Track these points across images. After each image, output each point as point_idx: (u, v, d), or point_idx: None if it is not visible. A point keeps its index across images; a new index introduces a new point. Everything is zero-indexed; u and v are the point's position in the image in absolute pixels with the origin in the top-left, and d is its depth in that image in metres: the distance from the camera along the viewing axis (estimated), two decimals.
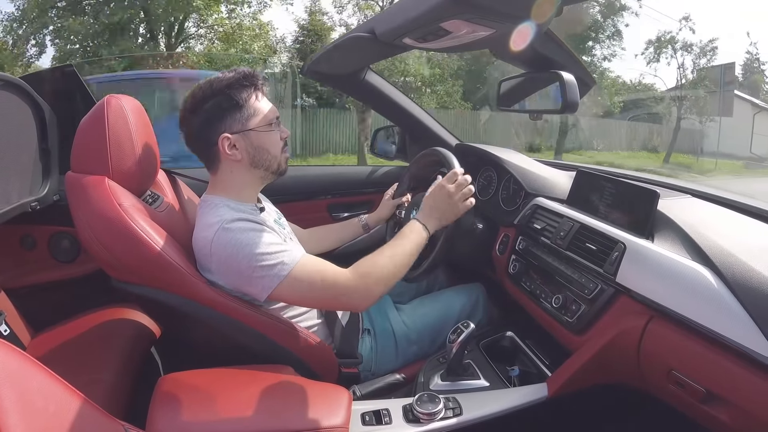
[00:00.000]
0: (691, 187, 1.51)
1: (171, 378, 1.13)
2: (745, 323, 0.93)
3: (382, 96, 2.10)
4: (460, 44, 1.24)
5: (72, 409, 0.70)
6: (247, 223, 1.22)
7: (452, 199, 1.41)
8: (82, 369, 1.36)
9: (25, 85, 1.50)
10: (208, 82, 1.28)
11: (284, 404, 1.07)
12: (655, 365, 1.09)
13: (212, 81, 1.28)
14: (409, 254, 1.33)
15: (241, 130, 1.27)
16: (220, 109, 1.26)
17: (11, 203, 1.44)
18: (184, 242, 1.29)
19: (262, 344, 1.27)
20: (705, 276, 1.02)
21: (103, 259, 1.22)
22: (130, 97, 1.34)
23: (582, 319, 1.26)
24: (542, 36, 1.23)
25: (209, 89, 1.26)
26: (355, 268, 1.27)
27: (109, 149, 1.24)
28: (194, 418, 1.01)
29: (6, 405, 0.59)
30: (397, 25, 1.16)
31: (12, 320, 1.51)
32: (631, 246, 1.19)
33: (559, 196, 1.59)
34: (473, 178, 1.99)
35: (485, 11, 0.99)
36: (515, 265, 1.59)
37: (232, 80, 1.27)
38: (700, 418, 1.05)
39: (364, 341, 1.53)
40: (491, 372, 1.41)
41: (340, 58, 1.73)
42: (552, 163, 1.99)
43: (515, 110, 1.62)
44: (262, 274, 1.19)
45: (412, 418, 1.13)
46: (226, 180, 1.33)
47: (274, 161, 1.35)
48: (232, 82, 1.27)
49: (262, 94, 1.32)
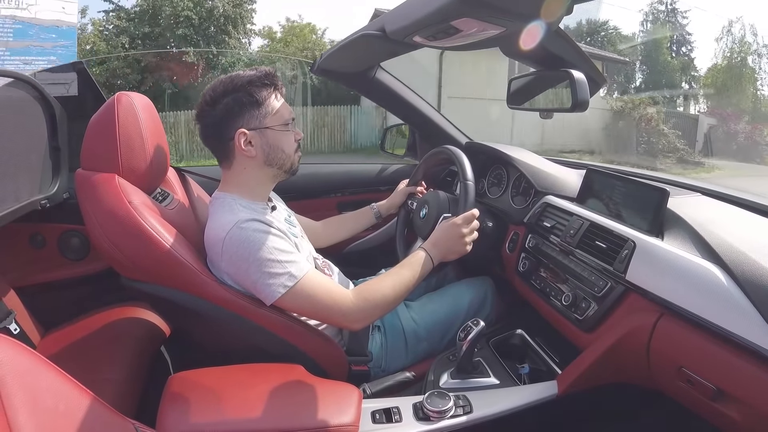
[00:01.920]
0: (701, 185, 1.50)
1: (181, 376, 1.13)
2: (754, 320, 0.92)
3: (393, 94, 2.10)
4: (470, 42, 1.24)
5: (82, 407, 0.70)
6: (260, 225, 1.22)
7: (461, 240, 1.43)
8: (92, 368, 1.37)
9: (36, 82, 1.51)
10: (229, 78, 1.29)
11: (294, 402, 1.07)
12: (665, 363, 1.09)
13: (233, 77, 1.29)
14: (412, 284, 1.37)
15: (258, 127, 1.29)
16: (239, 105, 1.27)
17: (21, 201, 1.44)
18: (194, 240, 1.30)
19: (271, 342, 1.27)
20: (715, 274, 1.02)
21: (112, 257, 1.22)
22: (140, 94, 1.35)
23: (592, 316, 1.26)
24: (552, 34, 1.22)
25: (230, 84, 1.28)
26: (357, 291, 1.30)
27: (119, 147, 1.25)
28: (204, 417, 1.01)
29: (16, 403, 0.59)
30: (407, 24, 1.16)
31: (22, 319, 1.52)
32: (641, 244, 1.19)
33: (569, 194, 1.59)
34: (483, 176, 2.00)
35: (496, 10, 0.98)
36: (525, 263, 1.59)
37: (254, 78, 1.28)
38: (710, 415, 1.05)
39: (374, 339, 1.53)
40: (501, 370, 1.40)
41: (350, 57, 1.72)
42: (561, 161, 1.99)
43: (525, 108, 1.62)
44: (269, 282, 1.20)
45: (422, 416, 1.13)
46: (239, 176, 1.33)
47: (288, 160, 1.36)
48: (253, 80, 1.28)
49: (280, 95, 1.34)
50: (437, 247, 1.42)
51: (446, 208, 1.61)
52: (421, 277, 1.38)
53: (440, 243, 1.43)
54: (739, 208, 1.31)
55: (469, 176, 1.51)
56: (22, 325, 1.48)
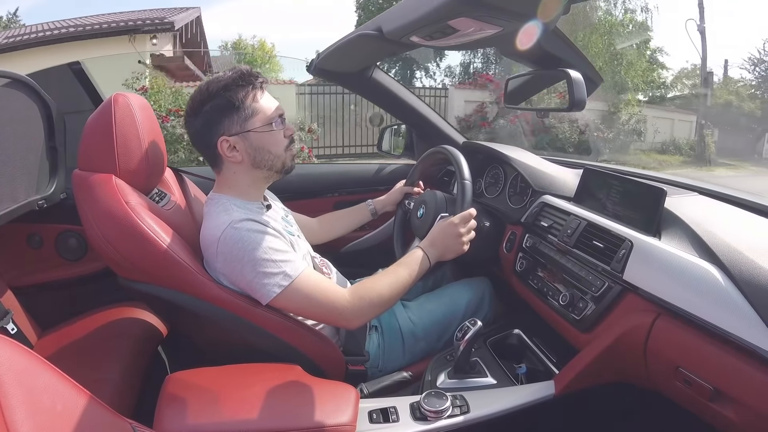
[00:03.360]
0: (698, 184, 1.51)
1: (178, 376, 1.13)
2: (752, 321, 0.92)
3: (390, 94, 2.10)
4: (467, 42, 1.24)
5: (79, 407, 0.70)
6: (255, 224, 1.22)
7: (458, 239, 1.43)
8: (89, 367, 1.37)
9: (33, 82, 1.51)
10: (206, 84, 1.27)
11: (292, 402, 1.07)
12: (663, 363, 1.09)
13: (210, 82, 1.27)
14: (408, 283, 1.36)
15: (239, 131, 1.27)
16: (218, 112, 1.26)
17: (18, 201, 1.44)
18: (191, 240, 1.30)
19: (268, 342, 1.27)
20: (712, 273, 1.01)
21: (110, 257, 1.22)
22: (137, 95, 1.35)
23: (589, 316, 1.26)
24: (549, 34, 1.23)
25: (206, 91, 1.26)
26: (354, 290, 1.30)
27: (116, 147, 1.25)
28: (201, 417, 1.01)
29: (13, 403, 0.59)
30: (404, 24, 1.16)
31: (19, 319, 1.51)
32: (638, 243, 1.19)
33: (566, 193, 1.59)
34: (480, 175, 2.00)
35: (493, 9, 0.98)
36: (522, 263, 1.59)
37: (229, 81, 1.26)
38: (707, 416, 1.05)
39: (371, 338, 1.53)
40: (498, 370, 1.40)
41: (347, 57, 1.72)
42: (559, 161, 1.99)
43: (522, 108, 1.62)
44: (264, 281, 1.20)
45: (419, 416, 1.13)
46: (229, 179, 1.33)
47: (278, 160, 1.34)
48: (228, 83, 1.26)
49: (261, 93, 1.30)
50: (434, 247, 1.43)
51: (443, 208, 1.61)
52: (418, 276, 1.38)
53: (437, 242, 1.43)
54: (736, 208, 1.31)
55: (467, 176, 1.51)
56: (19, 324, 1.48)
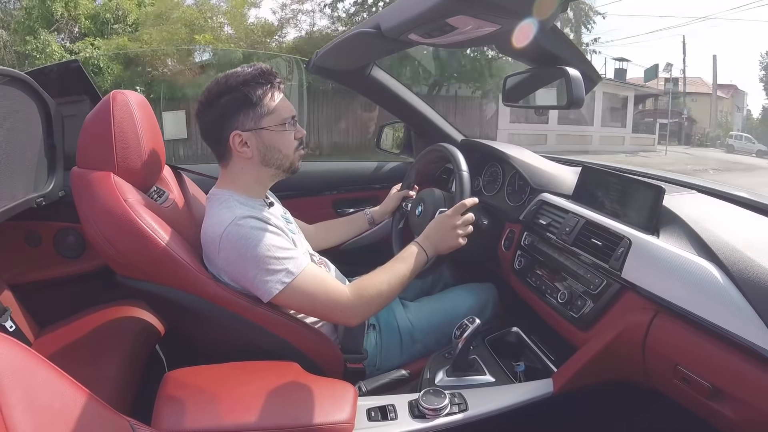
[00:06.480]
0: (697, 182, 1.51)
1: (176, 374, 1.13)
2: (750, 318, 0.92)
3: (388, 92, 2.09)
4: (465, 40, 1.24)
5: (78, 405, 0.70)
6: (257, 222, 1.22)
7: (454, 232, 1.44)
8: (88, 365, 1.37)
9: (30, 80, 1.50)
10: (224, 77, 1.27)
11: (290, 400, 1.07)
12: (661, 361, 1.09)
13: (229, 75, 1.27)
14: (407, 278, 1.37)
15: (253, 128, 1.27)
16: (234, 106, 1.26)
17: (16, 199, 1.44)
18: (190, 238, 1.29)
19: (267, 340, 1.27)
20: (710, 271, 1.02)
21: (108, 254, 1.22)
22: (135, 92, 1.34)
23: (587, 314, 1.26)
24: (547, 32, 1.22)
25: (225, 84, 1.26)
26: (353, 286, 1.30)
27: (115, 145, 1.24)
28: (200, 414, 1.01)
29: (12, 401, 0.59)
30: (402, 21, 1.16)
31: (17, 317, 1.51)
32: (636, 241, 1.19)
33: (565, 191, 1.58)
34: (478, 173, 2.00)
35: (491, 7, 0.98)
36: (521, 261, 1.59)
37: (249, 77, 1.26)
38: (706, 414, 1.05)
39: (369, 337, 1.53)
40: (497, 367, 1.40)
41: (345, 54, 1.72)
42: (557, 158, 1.99)
43: (520, 106, 1.62)
44: (266, 279, 1.20)
45: (417, 414, 1.13)
46: (236, 175, 1.33)
47: (286, 160, 1.34)
48: (248, 79, 1.26)
49: (278, 93, 1.31)
50: (429, 239, 1.43)
51: (442, 204, 1.61)
52: (415, 270, 1.38)
53: (432, 235, 1.44)
54: (734, 206, 1.31)
55: (463, 167, 1.52)
56: (17, 322, 1.48)
